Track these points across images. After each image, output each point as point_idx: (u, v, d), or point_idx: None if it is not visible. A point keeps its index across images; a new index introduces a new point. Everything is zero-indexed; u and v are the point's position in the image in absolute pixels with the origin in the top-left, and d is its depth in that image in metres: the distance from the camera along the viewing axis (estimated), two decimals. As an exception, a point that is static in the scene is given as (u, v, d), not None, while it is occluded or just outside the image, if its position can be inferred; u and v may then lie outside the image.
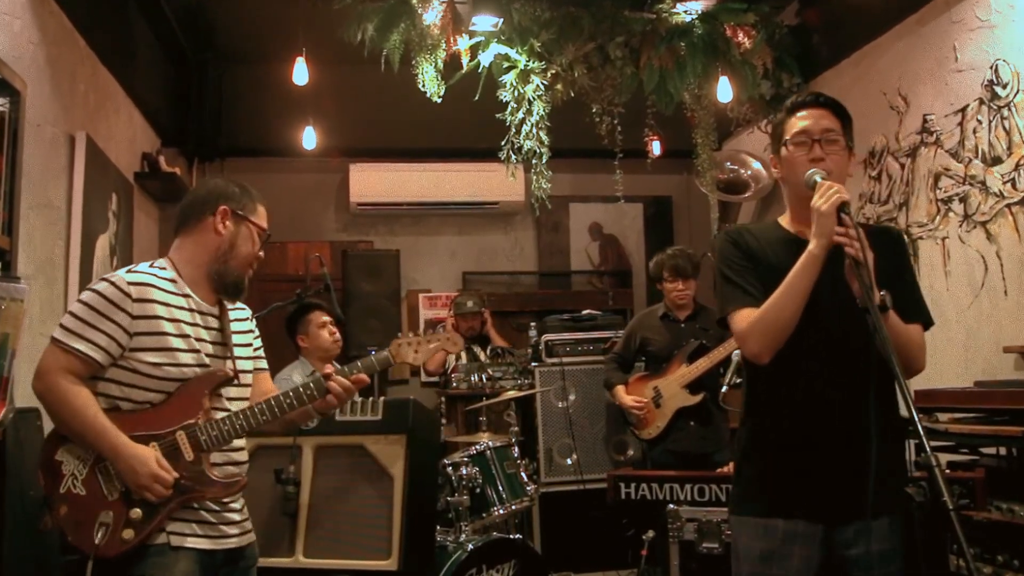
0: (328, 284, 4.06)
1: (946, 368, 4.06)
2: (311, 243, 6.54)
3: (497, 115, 4.56)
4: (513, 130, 4.56)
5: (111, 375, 2.08)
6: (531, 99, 4.55)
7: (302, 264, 6.47)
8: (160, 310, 2.10)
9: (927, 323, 2.08)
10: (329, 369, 2.27)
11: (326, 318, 4.03)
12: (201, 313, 2.20)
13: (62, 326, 2.07)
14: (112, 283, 2.09)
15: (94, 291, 2.09)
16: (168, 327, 2.11)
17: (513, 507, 3.92)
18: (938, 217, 4.23)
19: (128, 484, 2.04)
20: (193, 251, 2.22)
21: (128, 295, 2.07)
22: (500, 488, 3.90)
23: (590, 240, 7.11)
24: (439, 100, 4.54)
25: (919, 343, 2.04)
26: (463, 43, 4.56)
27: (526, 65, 4.58)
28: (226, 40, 5.88)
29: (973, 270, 4.00)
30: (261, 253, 2.30)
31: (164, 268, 2.20)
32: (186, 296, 2.18)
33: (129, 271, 2.15)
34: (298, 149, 5.85)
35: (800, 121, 2.08)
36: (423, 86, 4.51)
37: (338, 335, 4.06)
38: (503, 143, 4.57)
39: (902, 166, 4.49)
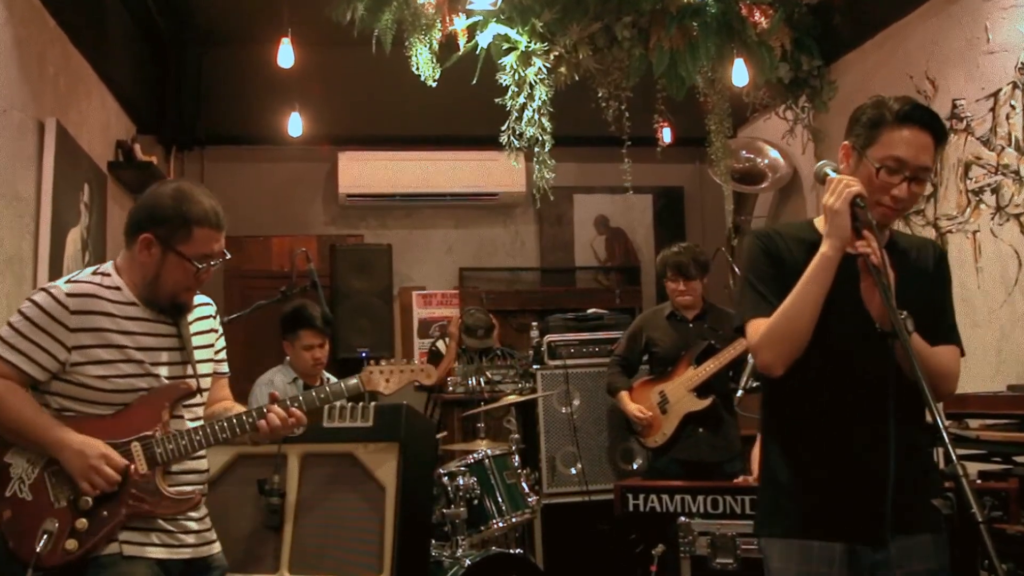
0: (315, 281, 4.07)
1: (977, 371, 4.06)
2: (297, 237, 6.54)
3: (496, 100, 4.56)
4: (513, 116, 4.55)
5: (57, 388, 2.14)
6: (533, 83, 4.54)
7: (287, 260, 6.47)
8: (103, 321, 2.14)
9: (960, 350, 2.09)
10: (274, 396, 2.33)
11: (314, 341, 4.11)
12: (151, 321, 2.22)
13: None
14: (50, 294, 2.13)
15: (32, 302, 2.13)
16: (113, 339, 2.14)
17: (513, 520, 3.92)
18: (968, 209, 4.23)
19: (75, 473, 2.08)
20: (130, 267, 2.24)
21: (66, 307, 2.12)
22: (499, 499, 3.90)
23: (596, 234, 7.11)
24: (434, 84, 4.54)
25: (947, 367, 2.03)
26: (459, 23, 4.55)
27: (527, 46, 4.57)
28: (206, 20, 5.87)
29: (1006, 266, 4.00)
30: (204, 276, 2.24)
31: (108, 275, 2.22)
32: (132, 304, 2.20)
33: (69, 281, 2.18)
34: (283, 136, 5.85)
35: (902, 143, 1.95)
36: (417, 69, 4.50)
37: (322, 359, 4.15)
38: (503, 130, 4.57)
39: (930, 155, 4.48)
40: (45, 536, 2.05)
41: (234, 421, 2.26)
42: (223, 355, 2.45)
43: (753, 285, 2.08)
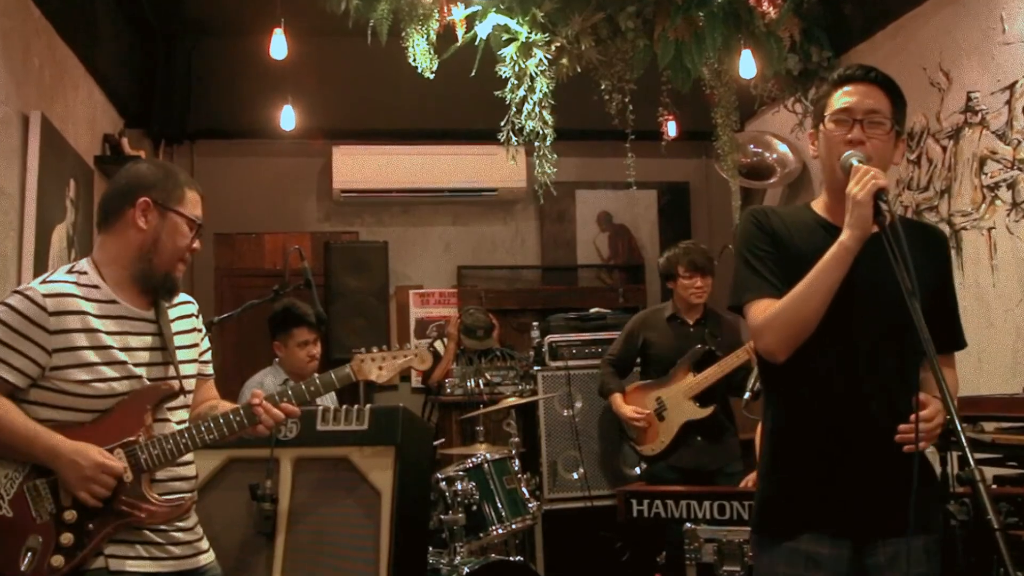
0: (309, 280, 4.06)
1: (992, 373, 4.06)
2: (290, 234, 6.53)
3: (496, 93, 4.55)
4: (514, 109, 4.54)
5: (35, 396, 2.09)
6: (533, 75, 4.53)
7: (280, 257, 6.46)
8: (81, 322, 2.10)
9: (960, 346, 2.12)
10: (259, 395, 2.30)
11: (308, 337, 4.13)
12: (131, 319, 2.19)
13: None
14: (27, 296, 2.08)
15: (7, 306, 2.08)
16: (92, 340, 2.11)
17: (513, 526, 3.93)
18: (983, 205, 4.22)
19: (72, 483, 2.05)
20: (116, 250, 2.20)
21: (44, 309, 2.07)
22: (499, 505, 3.90)
23: (598, 231, 7.10)
24: (431, 76, 4.53)
25: (953, 386, 2.06)
26: (458, 13, 4.54)
27: (528, 37, 4.57)
28: (196, 10, 5.86)
29: (1022, 264, 3.99)
30: (196, 245, 2.27)
31: (84, 272, 2.18)
32: (112, 303, 2.17)
33: (44, 281, 2.14)
34: (276, 130, 5.84)
35: (844, 97, 2.07)
36: (414, 61, 4.49)
37: (317, 355, 4.17)
38: (502, 124, 4.56)
39: (944, 149, 4.48)
40: (29, 554, 2.02)
41: (221, 421, 2.24)
42: (208, 356, 2.42)
43: (750, 263, 2.09)
